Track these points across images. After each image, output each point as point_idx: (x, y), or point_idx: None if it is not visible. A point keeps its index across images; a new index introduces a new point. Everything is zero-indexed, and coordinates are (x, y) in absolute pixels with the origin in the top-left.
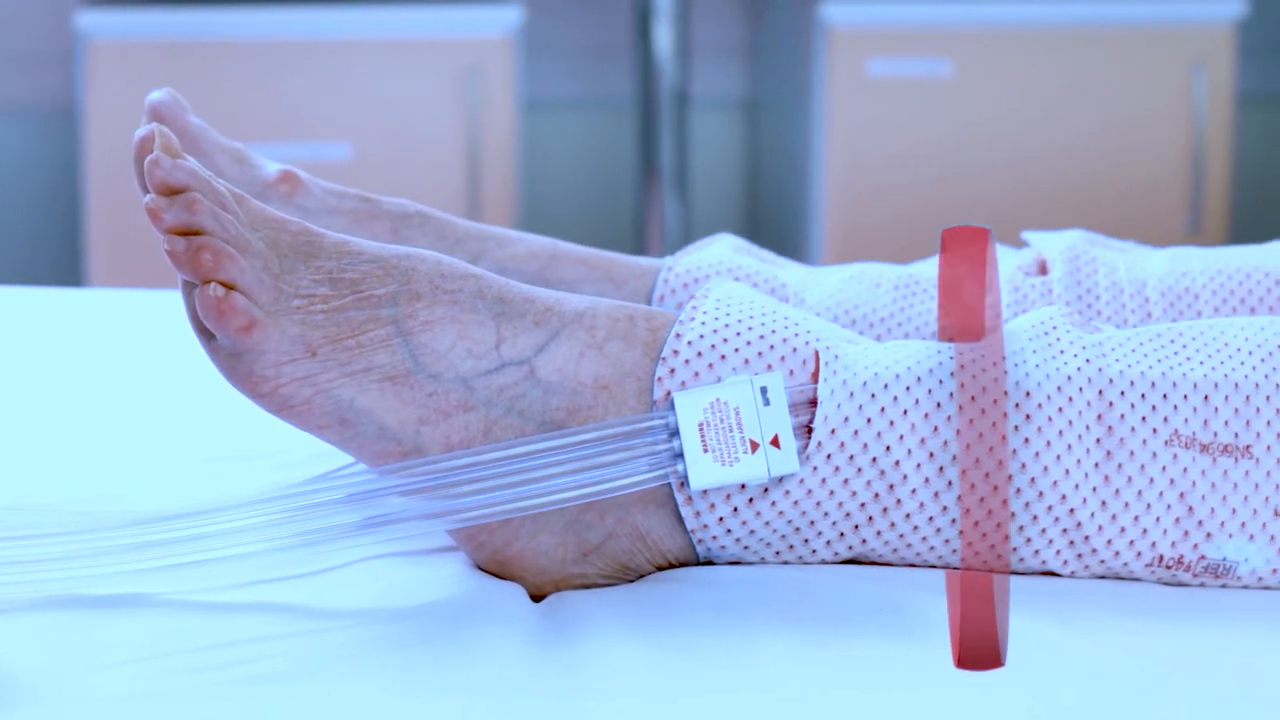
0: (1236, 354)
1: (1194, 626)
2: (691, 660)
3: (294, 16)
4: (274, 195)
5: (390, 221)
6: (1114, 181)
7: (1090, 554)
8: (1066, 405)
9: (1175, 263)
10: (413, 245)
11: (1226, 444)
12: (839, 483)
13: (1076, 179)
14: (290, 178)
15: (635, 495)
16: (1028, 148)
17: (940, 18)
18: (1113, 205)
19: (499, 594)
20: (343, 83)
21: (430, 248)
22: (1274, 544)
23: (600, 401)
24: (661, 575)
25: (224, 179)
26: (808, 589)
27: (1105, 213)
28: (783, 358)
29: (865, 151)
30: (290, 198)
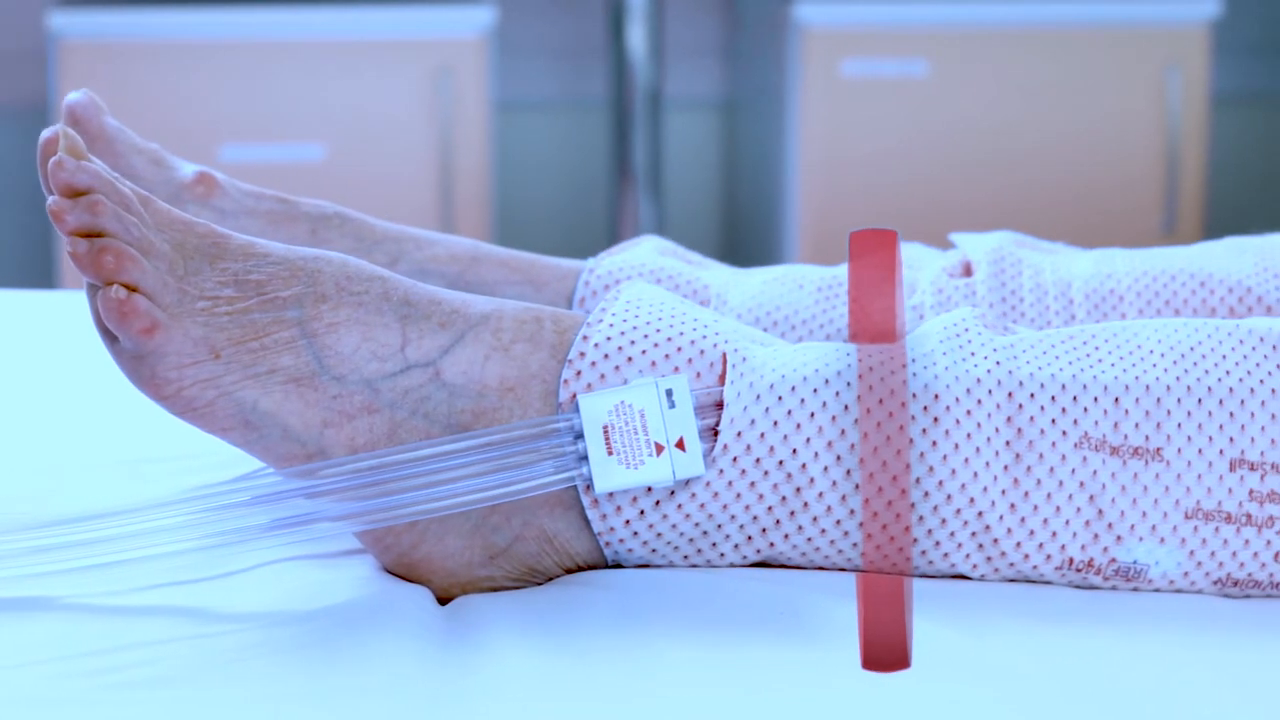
0: (1149, 356)
1: (1100, 630)
2: (587, 664)
3: (266, 17)
4: (190, 197)
5: (308, 223)
6: (1089, 182)
7: (1000, 557)
8: (975, 408)
9: (1101, 264)
10: (331, 247)
11: (1137, 446)
12: (745, 486)
13: (1051, 179)
14: (206, 179)
15: (542, 498)
16: (1002, 148)
17: (914, 18)
18: (1087, 206)
19: (403, 597)
20: (315, 84)
21: (349, 250)
22: (1184, 547)
23: (506, 404)
24: (569, 578)
25: (140, 181)
26: (711, 592)
27: (1080, 213)
28: (690, 360)
29: (839, 152)
30: (206, 199)
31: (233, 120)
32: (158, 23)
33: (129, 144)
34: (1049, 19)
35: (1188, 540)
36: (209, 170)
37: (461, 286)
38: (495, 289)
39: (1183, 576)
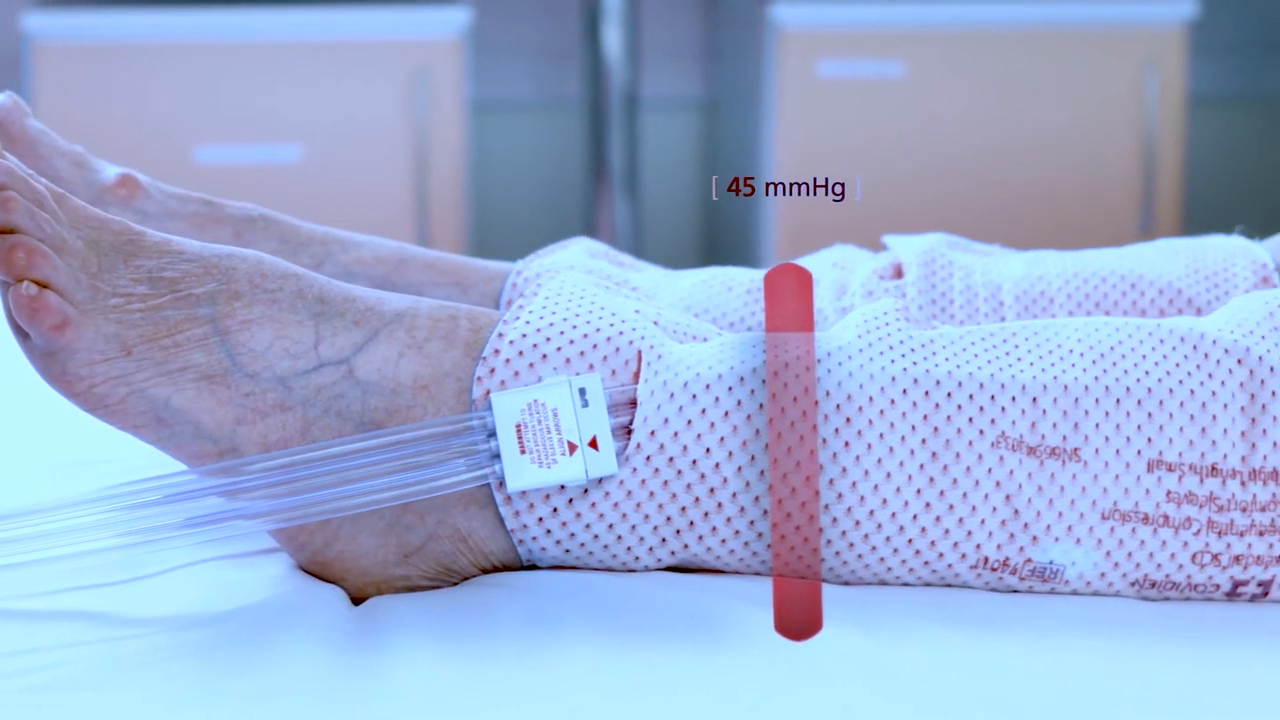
0: (1069, 355)
1: (1011, 636)
2: (491, 668)
3: (242, 19)
4: (112, 199)
5: (233, 225)
6: (1065, 182)
7: (914, 556)
8: (889, 408)
9: (1032, 266)
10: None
11: (1054, 447)
12: (658, 484)
13: (1028, 180)
14: (129, 182)
15: (456, 496)
16: (979, 149)
17: (891, 19)
18: (1065, 206)
19: (316, 597)
20: (291, 85)
21: (274, 252)
22: (1101, 548)
23: (419, 401)
24: (482, 579)
25: (62, 183)
26: (621, 595)
27: (1056, 214)
28: (605, 357)
29: (816, 153)
30: (129, 202)
31: (209, 122)
32: (133, 25)
33: (51, 146)
34: (1026, 20)
35: (1104, 541)
36: (131, 173)
37: (386, 288)
38: (421, 291)
39: (1100, 578)
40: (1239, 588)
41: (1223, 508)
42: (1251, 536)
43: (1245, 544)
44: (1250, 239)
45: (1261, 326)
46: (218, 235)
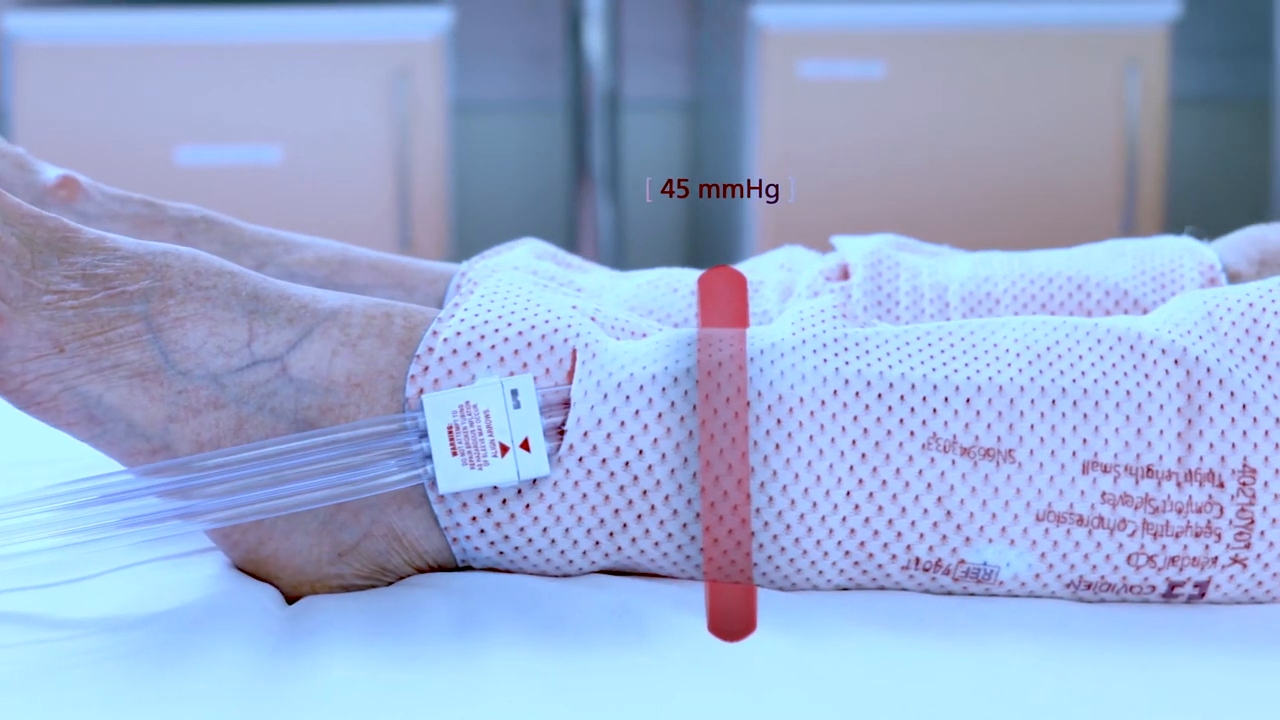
0: (1004, 355)
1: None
2: (416, 671)
3: (222, 19)
4: (53, 200)
5: (175, 227)
6: (1047, 183)
7: (844, 558)
8: (819, 409)
9: (979, 267)
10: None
11: (988, 448)
12: (591, 486)
13: (1009, 180)
14: (69, 183)
15: (390, 495)
16: (960, 149)
17: (872, 19)
18: (1046, 207)
19: (248, 597)
20: (272, 86)
21: (216, 253)
22: (1035, 549)
23: (353, 400)
24: (417, 579)
25: (3, 184)
26: (552, 598)
27: (1038, 214)
28: (539, 355)
29: (797, 153)
30: (69, 203)
31: (189, 123)
32: (114, 25)
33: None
34: (1007, 20)
35: (1039, 542)
36: (72, 174)
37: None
38: (364, 293)
39: (1034, 579)
40: (1175, 589)
41: (1158, 509)
42: (1187, 538)
43: (1181, 545)
44: (1200, 240)
45: (1199, 327)
46: (159, 237)
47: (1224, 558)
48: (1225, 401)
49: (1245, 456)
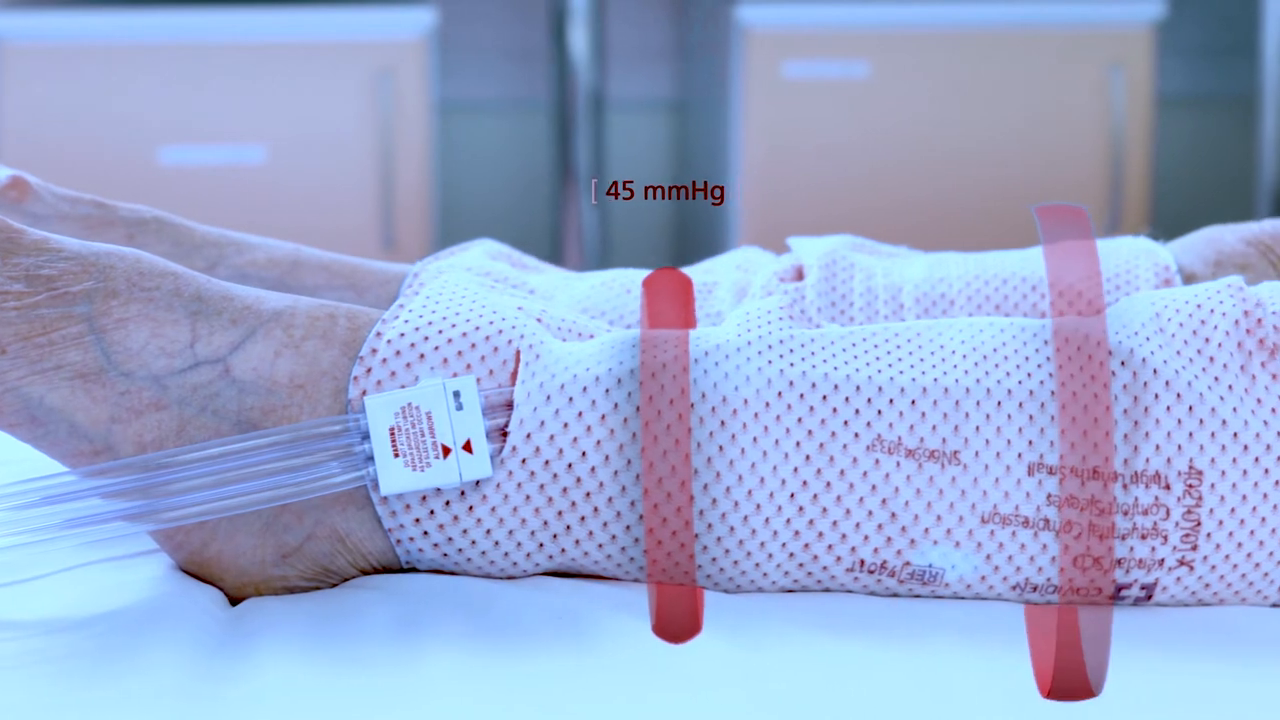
0: (951, 357)
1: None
2: (354, 673)
3: (206, 20)
4: (3, 201)
5: (125, 228)
6: (1032, 183)
7: (789, 560)
8: (763, 410)
9: (934, 268)
10: (149, 251)
11: (934, 449)
12: (534, 488)
13: (995, 181)
14: (19, 184)
15: (333, 497)
16: (944, 149)
17: (856, 20)
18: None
19: (190, 599)
20: (256, 86)
21: (167, 255)
22: (981, 551)
23: (296, 401)
24: (361, 581)
25: None
26: (495, 600)
27: (1024, 214)
28: (483, 357)
29: (782, 153)
30: (19, 204)
31: (173, 123)
32: (100, 25)
33: None
34: (992, 20)
35: (984, 545)
36: (21, 174)
37: (280, 290)
38: (316, 294)
39: (980, 581)
40: (1122, 591)
41: (1104, 511)
42: (1133, 540)
43: (1127, 547)
44: (1157, 241)
45: (1146, 328)
46: (110, 238)
47: (1170, 560)
48: (1171, 403)
49: (1191, 458)
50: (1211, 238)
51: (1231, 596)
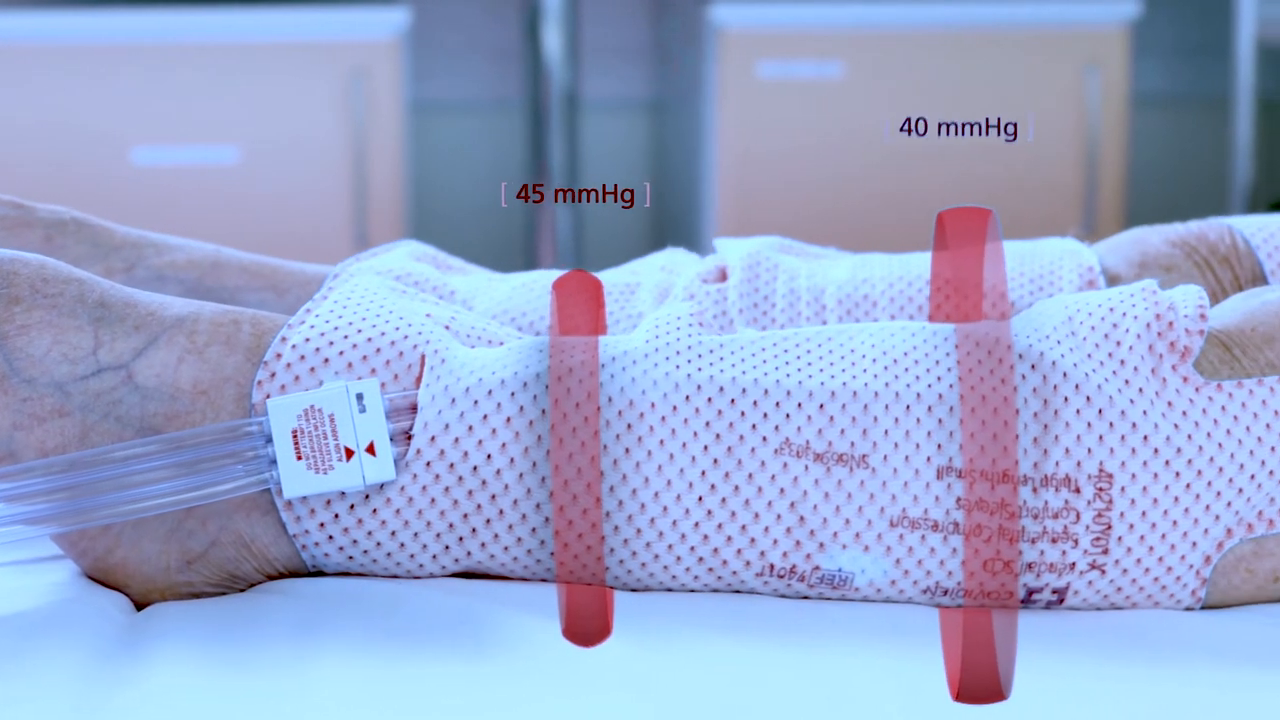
0: (861, 360)
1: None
2: (245, 678)
3: (179, 20)
4: None
5: (43, 229)
6: (1007, 183)
7: (698, 564)
8: (671, 414)
9: (858, 270)
10: (65, 254)
11: (842, 453)
12: (439, 491)
13: (970, 180)
14: None
15: (238, 502)
16: (919, 150)
17: (830, 20)
18: (1006, 207)
19: (91, 604)
20: (228, 86)
21: (84, 256)
22: (890, 555)
23: (198, 407)
24: (268, 586)
25: None
26: (398, 603)
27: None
28: (388, 361)
29: (756, 153)
30: None
31: (145, 123)
32: (70, 26)
33: None
34: (967, 20)
35: (894, 549)
36: None
37: (201, 293)
38: (237, 295)
39: (890, 585)
40: (1033, 595)
41: (1014, 514)
42: (1044, 543)
43: (1038, 551)
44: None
45: (1058, 332)
46: (28, 239)
47: (1082, 564)
48: (1081, 406)
49: (1101, 462)
50: (1137, 239)
51: (1144, 600)
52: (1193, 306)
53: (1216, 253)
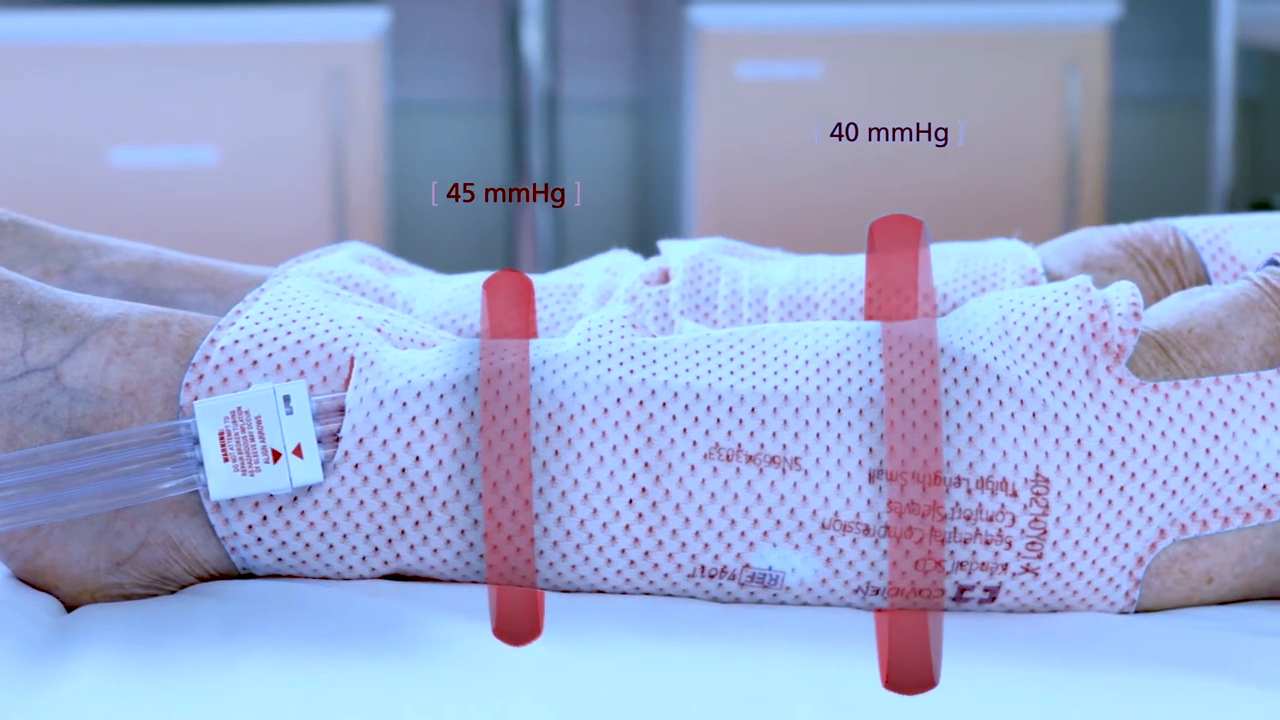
0: (794, 362)
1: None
2: (165, 681)
3: (158, 20)
4: None
5: None
6: (987, 184)
7: (629, 566)
8: (601, 416)
9: (801, 271)
10: (4, 255)
11: (774, 455)
12: (368, 493)
13: (950, 181)
14: None
15: (166, 504)
16: (898, 150)
17: (809, 20)
18: (987, 208)
19: (18, 607)
20: (207, 87)
21: (22, 257)
22: (820, 555)
23: (126, 408)
24: (198, 588)
25: None
26: (326, 605)
27: (978, 216)
28: (317, 363)
29: (736, 154)
30: None
31: (124, 124)
32: (50, 27)
33: None
34: (945, 21)
35: (824, 549)
36: None
37: (140, 294)
38: (176, 297)
39: (821, 584)
40: (965, 593)
41: (946, 516)
42: (976, 544)
43: (970, 551)
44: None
45: (991, 333)
46: None
47: (1015, 565)
48: (1016, 410)
49: (1038, 465)
50: (1081, 240)
51: (1077, 603)
52: (1126, 304)
53: (1160, 254)
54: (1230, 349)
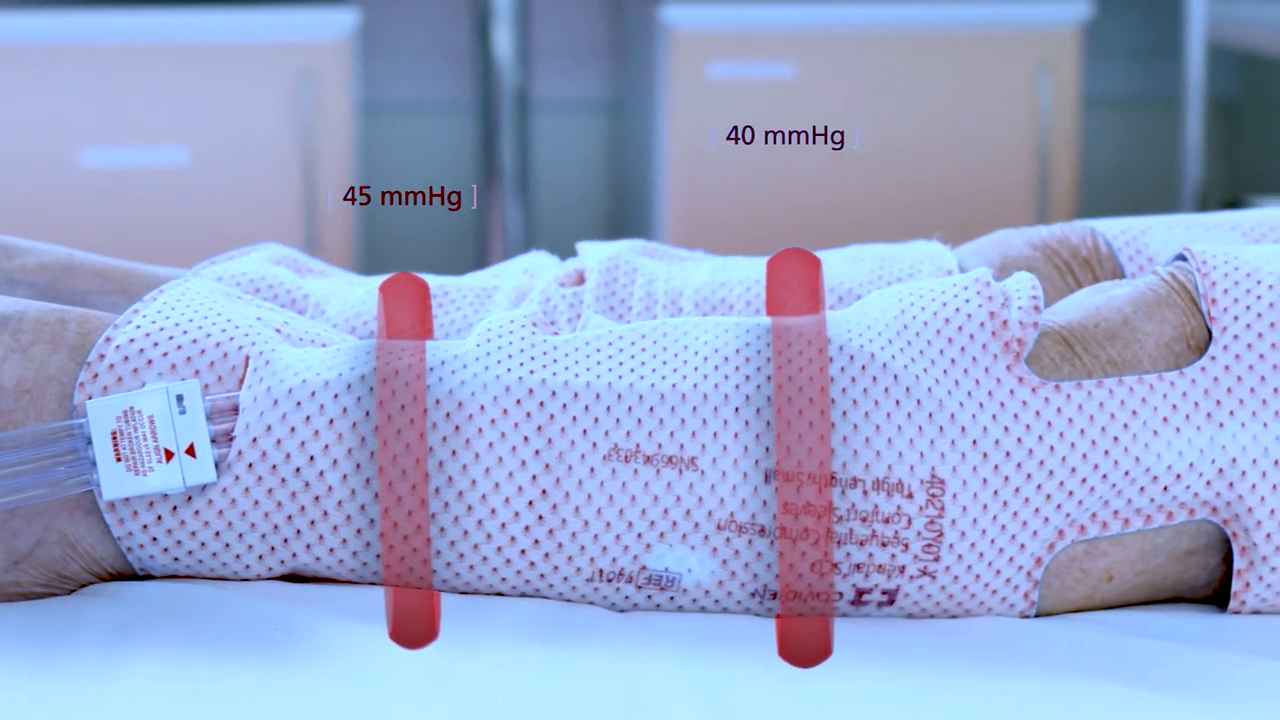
0: (693, 358)
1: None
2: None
3: (127, 20)
4: None
5: None
6: (960, 184)
7: (529, 568)
8: (500, 417)
9: (717, 273)
10: None
11: (671, 455)
12: (262, 493)
13: (922, 181)
14: None
15: (61, 502)
16: (871, 151)
17: (781, 20)
18: (959, 208)
19: None
20: (177, 87)
21: None
22: (716, 556)
23: (21, 406)
24: (96, 588)
25: None
26: (218, 607)
27: (950, 216)
28: (212, 363)
29: (708, 155)
30: None
31: (94, 124)
32: (17, 26)
33: None
34: (918, 21)
35: (720, 550)
36: None
37: (52, 296)
38: (88, 298)
39: (718, 586)
40: (863, 596)
41: (842, 518)
42: (873, 546)
43: (866, 553)
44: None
45: (889, 329)
46: None
47: (912, 568)
48: (912, 409)
49: (934, 467)
50: (999, 241)
51: (976, 606)
52: (1026, 298)
53: (1078, 256)
54: (1136, 345)
